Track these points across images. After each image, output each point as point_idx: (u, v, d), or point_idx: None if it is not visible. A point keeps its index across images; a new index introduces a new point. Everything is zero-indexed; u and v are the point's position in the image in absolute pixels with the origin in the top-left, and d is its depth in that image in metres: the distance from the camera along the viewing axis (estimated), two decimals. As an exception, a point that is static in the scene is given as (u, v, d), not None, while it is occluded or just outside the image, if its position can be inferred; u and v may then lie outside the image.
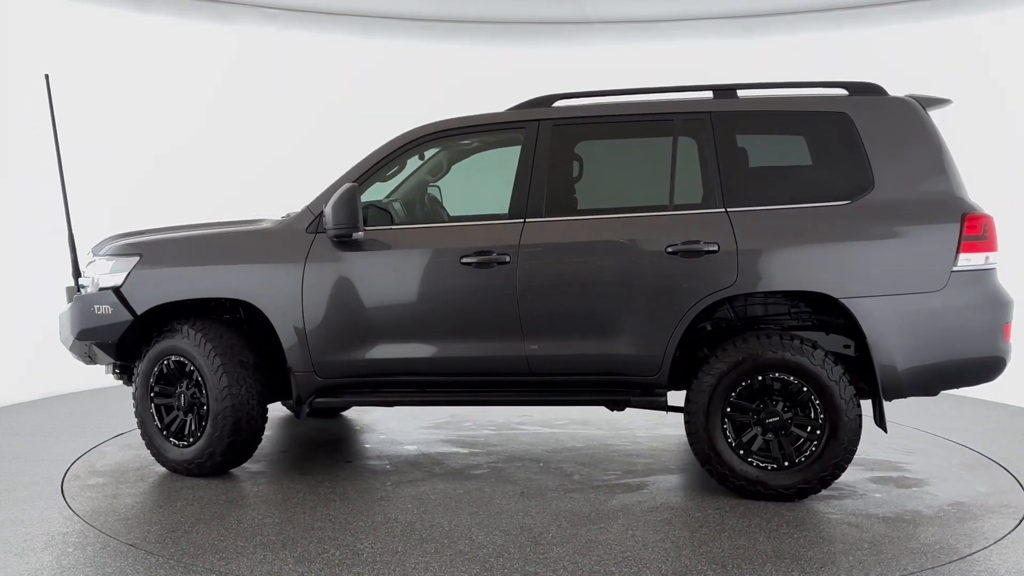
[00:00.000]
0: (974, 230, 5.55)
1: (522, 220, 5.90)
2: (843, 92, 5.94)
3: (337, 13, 10.37)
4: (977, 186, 6.45)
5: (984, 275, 5.59)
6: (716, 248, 5.65)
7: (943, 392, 5.85)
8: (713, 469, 5.74)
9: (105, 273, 6.33)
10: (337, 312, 5.99)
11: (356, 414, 8.21)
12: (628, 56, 10.50)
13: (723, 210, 5.73)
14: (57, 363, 8.80)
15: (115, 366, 6.60)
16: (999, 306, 5.60)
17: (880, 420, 5.74)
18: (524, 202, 5.93)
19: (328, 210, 5.86)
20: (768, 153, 5.99)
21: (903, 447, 7.07)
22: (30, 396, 9.09)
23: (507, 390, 6.04)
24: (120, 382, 6.92)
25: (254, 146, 10.38)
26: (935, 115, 6.29)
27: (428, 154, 7.07)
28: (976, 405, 8.77)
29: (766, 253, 5.64)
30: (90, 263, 6.55)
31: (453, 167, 7.17)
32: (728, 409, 5.69)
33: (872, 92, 5.91)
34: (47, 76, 6.87)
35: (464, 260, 5.86)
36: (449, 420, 7.90)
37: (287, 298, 6.02)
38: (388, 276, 5.97)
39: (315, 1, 10.12)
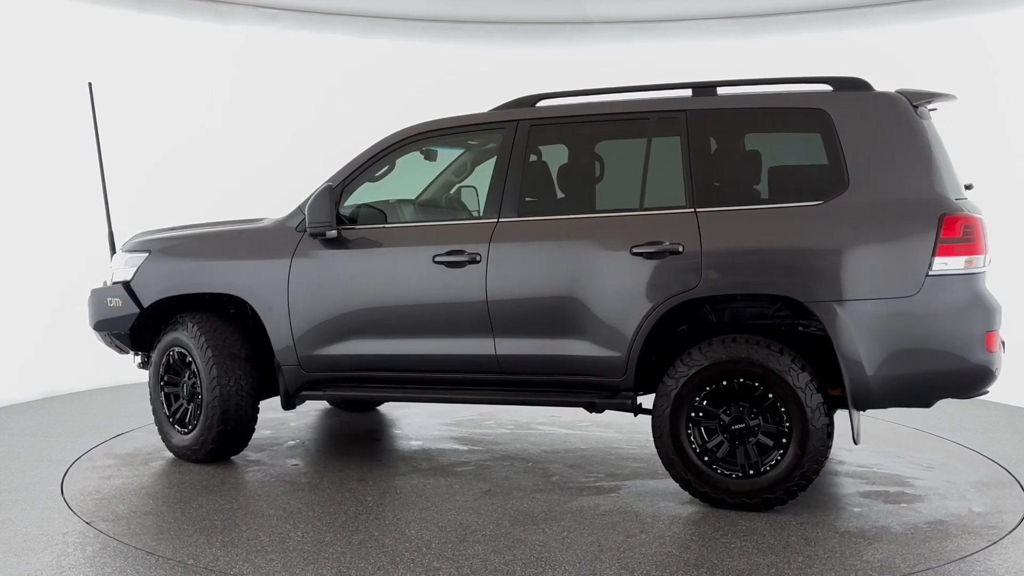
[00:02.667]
0: (952, 232, 5.22)
1: (495, 220, 5.93)
2: (827, 88, 5.70)
3: (337, 13, 10.52)
4: (978, 186, 6.13)
5: (964, 280, 5.24)
6: (680, 249, 5.53)
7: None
8: (677, 475, 5.61)
9: (120, 268, 6.73)
10: (320, 308, 6.18)
11: (388, 408, 8.39)
12: (628, 56, 10.33)
13: (692, 210, 5.59)
14: (57, 363, 9.19)
15: (142, 357, 6.98)
16: (980, 313, 5.24)
17: (852, 431, 5.48)
18: (499, 201, 5.95)
19: (305, 209, 6.06)
20: (745, 151, 5.80)
21: (927, 461, 6.68)
22: (30, 396, 9.07)
23: (480, 389, 6.08)
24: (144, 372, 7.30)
25: (254, 145, 10.48)
26: (941, 110, 5.99)
27: (453, 154, 7.20)
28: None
29: (730, 255, 5.48)
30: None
31: (477, 168, 7.26)
32: (693, 414, 5.55)
33: (856, 87, 5.64)
34: (90, 84, 7.32)
35: (437, 259, 5.94)
36: (473, 418, 7.97)
37: (275, 293, 6.25)
38: (366, 274, 6.11)
39: (315, 1, 10.29)
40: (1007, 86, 9.35)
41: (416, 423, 7.85)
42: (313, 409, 8.31)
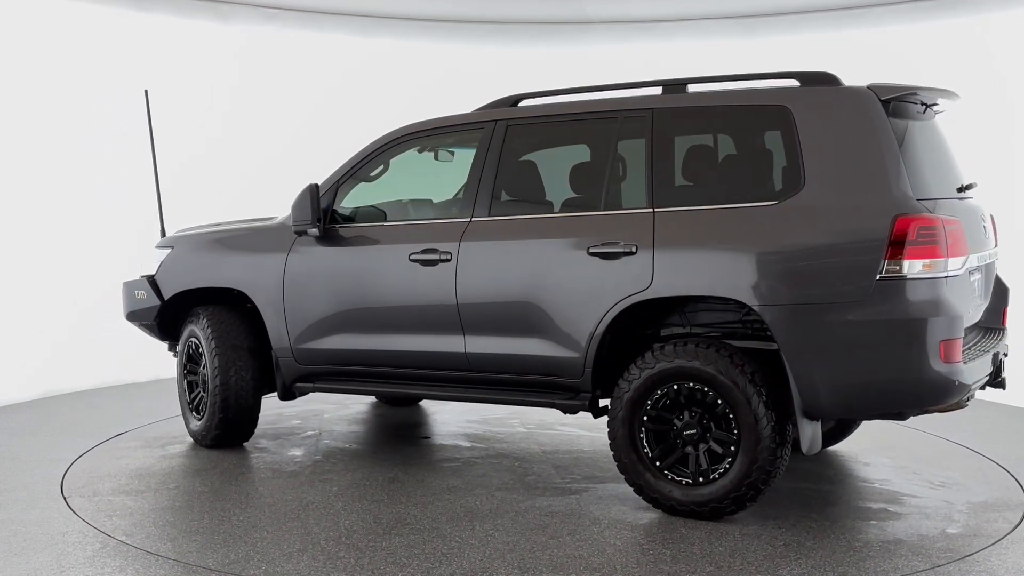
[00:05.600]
0: (905, 234, 4.91)
1: (468, 219, 6.00)
2: (795, 84, 5.49)
3: (337, 13, 10.58)
4: (981, 186, 5.94)
5: (921, 285, 4.91)
6: (634, 250, 5.44)
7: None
8: (631, 479, 5.52)
9: (150, 262, 7.19)
10: (310, 303, 6.43)
11: (427, 404, 8.53)
12: (628, 56, 10.11)
13: (650, 211, 5.49)
14: (57, 363, 9.33)
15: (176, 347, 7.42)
16: (936, 320, 4.90)
17: (801, 441, 5.23)
18: (472, 201, 6.02)
19: (291, 208, 6.31)
20: (708, 151, 5.65)
21: (943, 479, 6.25)
22: (30, 396, 8.99)
23: (453, 386, 6.16)
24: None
25: (254, 145, 10.54)
26: (946, 108, 5.71)
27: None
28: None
29: (681, 256, 5.35)
30: (157, 255, 7.43)
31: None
32: (646, 418, 5.44)
33: (824, 83, 5.40)
34: (146, 91, 7.82)
35: (413, 257, 6.06)
36: (500, 416, 7.99)
37: (272, 288, 6.54)
38: (350, 270, 6.32)
39: (315, 1, 10.35)
40: (1009, 86, 9.15)
41: (443, 419, 7.98)
42: (355, 402, 8.56)
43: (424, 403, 8.59)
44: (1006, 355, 5.75)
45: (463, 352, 5.98)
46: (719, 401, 5.25)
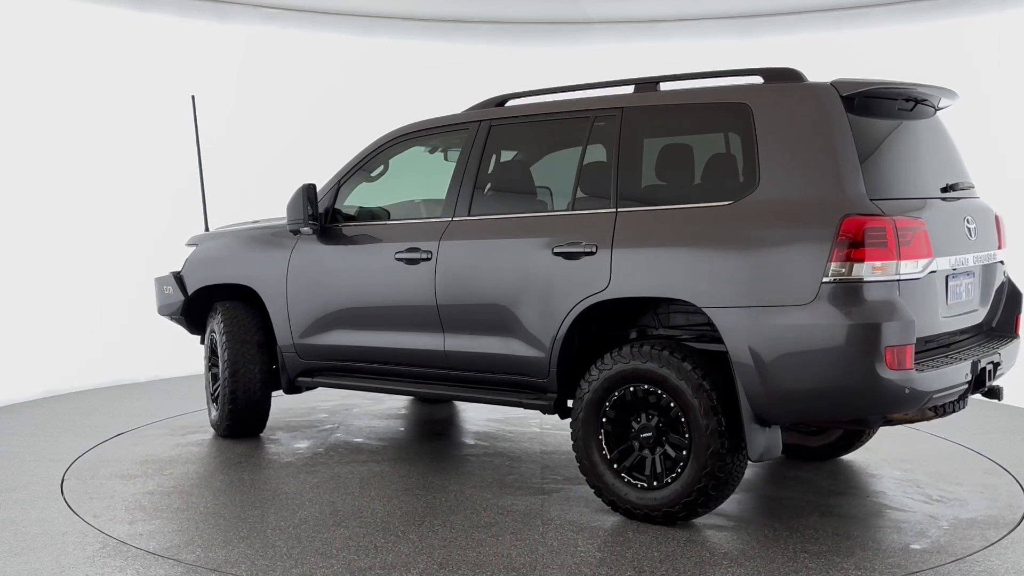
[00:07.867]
0: (852, 235, 4.73)
1: (449, 219, 6.08)
2: (759, 81, 5.36)
3: (337, 13, 10.57)
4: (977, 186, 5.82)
5: (871, 288, 4.73)
6: (594, 250, 5.41)
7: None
8: (590, 481, 5.50)
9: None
10: (309, 299, 6.65)
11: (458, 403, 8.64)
12: (628, 56, 9.88)
13: (613, 211, 5.46)
14: (58, 362, 9.40)
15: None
16: (883, 326, 4.69)
17: (747, 446, 5.09)
18: (454, 200, 6.10)
19: (286, 208, 6.53)
20: (671, 149, 5.57)
21: (945, 493, 5.95)
22: (30, 395, 8.96)
23: (434, 383, 6.25)
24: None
25: (253, 146, 10.57)
26: (947, 106, 5.51)
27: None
28: None
29: (635, 256, 5.31)
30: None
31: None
32: (605, 420, 5.40)
33: (787, 79, 5.25)
34: (193, 97, 8.20)
35: (397, 256, 6.19)
36: (522, 416, 8.00)
37: (277, 285, 6.79)
38: (342, 269, 6.51)
39: (315, 1, 10.36)
40: (1007, 86, 9.03)
41: (466, 417, 8.07)
42: (391, 398, 8.70)
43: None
44: (996, 363, 5.42)
45: (443, 350, 6.07)
46: (672, 404, 5.17)
